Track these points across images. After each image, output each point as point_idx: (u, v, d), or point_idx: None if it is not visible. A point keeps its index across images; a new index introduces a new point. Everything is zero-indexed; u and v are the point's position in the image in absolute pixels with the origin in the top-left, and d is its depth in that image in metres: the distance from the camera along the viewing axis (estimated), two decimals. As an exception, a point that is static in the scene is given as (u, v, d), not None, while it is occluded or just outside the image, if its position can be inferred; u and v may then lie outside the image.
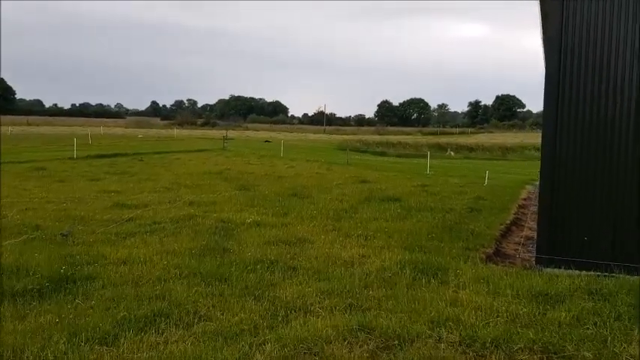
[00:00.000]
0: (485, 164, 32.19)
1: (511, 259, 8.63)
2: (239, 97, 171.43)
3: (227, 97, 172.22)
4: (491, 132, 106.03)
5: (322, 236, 9.07)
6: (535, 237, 10.32)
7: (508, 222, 11.06)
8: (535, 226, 11.16)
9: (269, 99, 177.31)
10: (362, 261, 7.52)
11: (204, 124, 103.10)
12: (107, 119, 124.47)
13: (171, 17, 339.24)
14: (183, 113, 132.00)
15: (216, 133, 64.21)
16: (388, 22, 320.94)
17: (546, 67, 7.61)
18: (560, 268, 7.68)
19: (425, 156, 35.67)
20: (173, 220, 10.23)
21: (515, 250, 9.20)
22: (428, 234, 9.23)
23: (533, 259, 8.14)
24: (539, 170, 21.23)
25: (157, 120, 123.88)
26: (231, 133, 74.75)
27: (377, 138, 65.48)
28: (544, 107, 7.72)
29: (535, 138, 76.20)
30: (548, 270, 7.70)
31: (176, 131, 67.73)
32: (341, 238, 8.92)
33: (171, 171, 21.17)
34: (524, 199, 15.04)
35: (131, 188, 15.27)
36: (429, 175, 23.16)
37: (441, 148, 49.93)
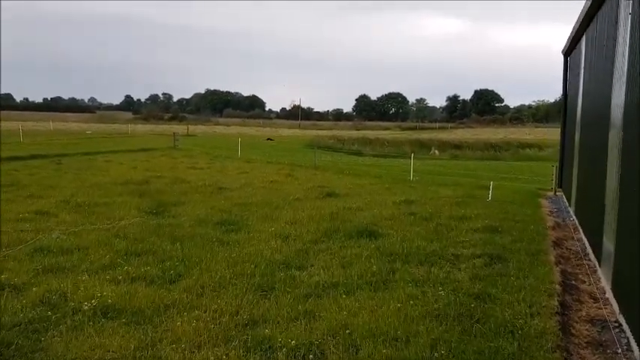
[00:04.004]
0: (477, 166, 27.73)
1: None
2: (215, 90, 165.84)
3: (203, 92, 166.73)
4: (472, 127, 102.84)
5: (214, 352, 4.39)
6: (612, 319, 5.85)
7: (558, 287, 6.52)
8: (603, 292, 6.69)
9: (246, 93, 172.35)
10: None
11: (171, 119, 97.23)
12: (71, 114, 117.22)
13: (153, 13, 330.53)
14: (150, 107, 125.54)
15: (182, 128, 58.83)
16: (365, 17, 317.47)
17: None
18: None
19: (406, 155, 31.29)
20: (-50, 303, 5.46)
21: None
22: (431, 345, 4.61)
23: None
24: (552, 179, 16.99)
25: (125, 114, 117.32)
26: (200, 128, 69.38)
27: (353, 134, 60.76)
28: None
29: (518, 133, 72.75)
30: None
31: (130, 127, 61.72)
32: (251, 362, 4.26)
33: (80, 180, 16.22)
34: (553, 228, 10.56)
35: (-17, 214, 10.37)
36: (414, 182, 18.61)
37: (423, 145, 45.37)
